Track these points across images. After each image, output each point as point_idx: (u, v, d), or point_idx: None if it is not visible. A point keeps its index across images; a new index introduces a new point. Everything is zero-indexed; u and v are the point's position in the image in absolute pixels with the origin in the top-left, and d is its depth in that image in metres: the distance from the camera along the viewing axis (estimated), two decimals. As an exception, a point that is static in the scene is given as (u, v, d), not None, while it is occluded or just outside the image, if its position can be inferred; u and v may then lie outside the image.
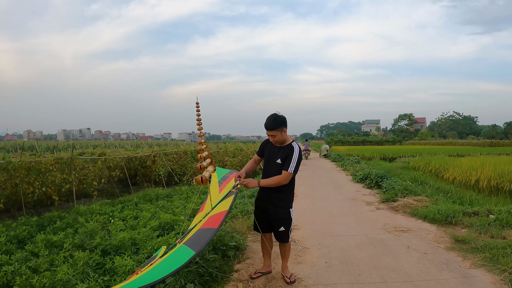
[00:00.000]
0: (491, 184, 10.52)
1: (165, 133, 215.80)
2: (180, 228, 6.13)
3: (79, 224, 7.10)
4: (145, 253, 4.95)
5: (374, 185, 12.15)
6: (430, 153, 26.39)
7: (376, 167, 16.19)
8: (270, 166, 4.09)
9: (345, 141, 69.42)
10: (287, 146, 4.04)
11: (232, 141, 36.95)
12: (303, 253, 5.35)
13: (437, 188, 10.97)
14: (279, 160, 3.99)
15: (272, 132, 3.94)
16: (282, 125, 3.95)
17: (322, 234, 6.33)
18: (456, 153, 27.58)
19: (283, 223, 4.08)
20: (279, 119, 3.94)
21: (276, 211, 4.07)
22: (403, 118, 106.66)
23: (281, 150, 4.04)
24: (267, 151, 4.19)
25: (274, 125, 3.91)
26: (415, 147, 45.00)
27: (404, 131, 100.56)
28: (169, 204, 8.89)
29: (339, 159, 25.94)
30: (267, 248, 4.36)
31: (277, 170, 3.98)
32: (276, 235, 4.20)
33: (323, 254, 5.32)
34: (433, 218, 7.10)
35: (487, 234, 6.05)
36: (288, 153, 3.97)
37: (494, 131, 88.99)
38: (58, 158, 9.87)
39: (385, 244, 5.72)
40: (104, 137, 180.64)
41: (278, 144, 4.06)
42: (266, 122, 3.95)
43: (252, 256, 5.20)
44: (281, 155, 3.99)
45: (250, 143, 32.07)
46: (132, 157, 13.31)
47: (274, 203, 4.05)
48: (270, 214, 4.10)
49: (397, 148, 40.01)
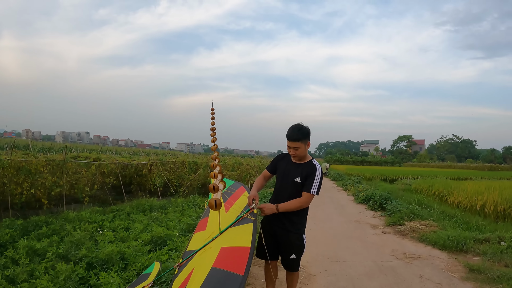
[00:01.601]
0: (498, 210, 10.33)
1: (163, 142, 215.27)
2: (173, 244, 5.71)
3: (66, 232, 6.79)
4: (134, 270, 4.57)
5: (378, 207, 11.71)
6: (431, 175, 26.29)
7: (379, 188, 15.81)
8: (285, 184, 3.53)
9: (344, 160, 69.58)
10: (308, 164, 3.51)
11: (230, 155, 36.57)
12: (309, 281, 4.90)
13: (442, 212, 10.62)
14: (298, 179, 3.43)
15: (296, 144, 3.39)
16: (307, 137, 3.45)
17: (327, 259, 5.91)
18: (457, 176, 27.46)
19: (295, 251, 3.54)
20: (305, 130, 3.44)
21: (288, 237, 3.51)
22: (402, 139, 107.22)
23: (301, 167, 3.50)
24: (282, 167, 3.65)
25: (299, 136, 3.39)
26: (415, 169, 44.98)
27: (403, 152, 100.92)
28: (163, 217, 8.49)
29: (340, 178, 25.67)
30: (272, 277, 3.79)
31: (293, 190, 3.45)
32: (285, 263, 3.65)
33: (331, 282, 4.88)
34: (443, 245, 6.75)
35: (501, 262, 5.74)
36: (310, 172, 3.43)
37: (493, 155, 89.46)
38: (50, 160, 9.46)
39: (396, 273, 5.29)
40: (102, 142, 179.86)
41: (297, 159, 3.53)
42: (290, 132, 3.43)
43: (252, 283, 4.73)
44: (301, 173, 3.45)
45: (249, 157, 31.68)
46: (127, 164, 12.89)
47: (287, 228, 3.49)
48: (280, 239, 3.54)
49: (397, 169, 39.98)
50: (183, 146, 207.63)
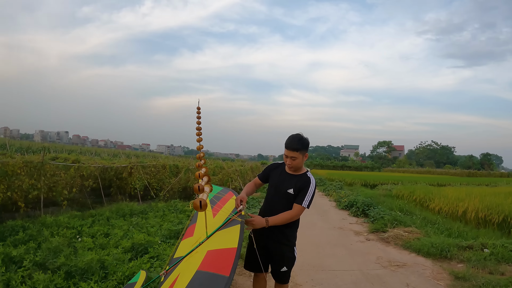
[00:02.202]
0: (479, 216, 10.39)
1: (143, 144, 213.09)
2: (155, 251, 5.54)
3: (43, 238, 6.47)
4: (115, 279, 4.37)
5: (360, 213, 11.70)
6: (411, 181, 26.58)
7: (361, 194, 15.85)
8: (277, 194, 3.40)
9: (325, 164, 69.97)
10: (303, 176, 3.41)
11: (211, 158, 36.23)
12: (296, 291, 4.79)
13: (423, 218, 10.67)
14: (291, 190, 3.32)
15: (294, 154, 3.29)
16: (306, 148, 3.36)
17: (313, 268, 5.81)
18: (436, 182, 27.76)
19: (286, 263, 3.43)
20: (305, 141, 3.35)
21: (280, 249, 3.39)
22: (382, 145, 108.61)
23: (295, 178, 3.39)
24: (275, 176, 3.52)
25: (299, 146, 3.30)
26: (395, 174, 45.40)
27: (383, 158, 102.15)
28: (143, 222, 8.24)
29: (321, 184, 25.65)
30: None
31: (285, 201, 3.33)
32: (276, 276, 3.50)
33: (318, 292, 4.78)
34: (428, 252, 6.79)
35: (485, 269, 5.82)
36: (304, 184, 3.32)
37: (471, 162, 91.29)
38: (28, 162, 9.05)
39: (382, 281, 5.25)
40: (81, 142, 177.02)
41: (292, 170, 3.43)
42: (289, 141, 3.33)
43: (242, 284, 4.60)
44: (295, 185, 3.33)
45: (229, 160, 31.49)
46: (107, 167, 12.58)
47: (280, 240, 3.38)
48: (271, 252, 3.40)
49: (377, 174, 40.35)
50: (163, 148, 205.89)
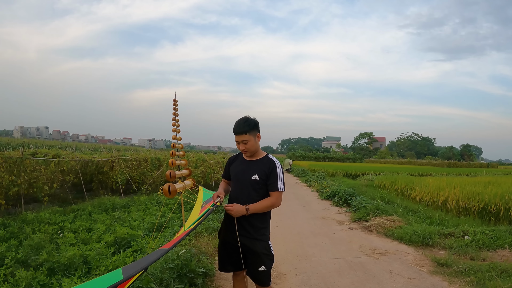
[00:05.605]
0: (460, 205, 10.57)
1: (125, 138, 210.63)
2: (138, 245, 5.50)
3: (25, 235, 6.37)
4: (98, 274, 4.31)
5: (343, 203, 11.84)
6: (392, 171, 26.85)
7: (343, 184, 15.99)
8: (241, 184, 3.15)
9: (307, 156, 70.16)
10: (264, 160, 3.17)
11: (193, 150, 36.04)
12: (280, 280, 4.82)
13: (405, 207, 10.84)
14: (255, 176, 3.07)
15: (244, 137, 3.05)
16: (255, 128, 3.11)
17: (297, 257, 5.85)
18: (417, 172, 28.13)
19: (263, 261, 3.08)
20: (251, 121, 3.09)
21: (253, 246, 3.06)
22: (364, 136, 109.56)
23: (256, 164, 3.15)
24: (235, 168, 3.28)
25: (246, 128, 3.04)
26: (376, 165, 45.91)
27: (364, 149, 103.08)
28: (126, 216, 8.16)
29: (303, 175, 25.80)
30: None
31: (253, 189, 3.08)
32: (254, 277, 3.14)
33: (302, 281, 4.82)
34: (410, 240, 6.90)
35: (466, 256, 5.93)
36: (270, 168, 3.09)
37: (451, 153, 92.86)
38: (7, 157, 8.85)
39: (366, 269, 5.31)
40: (62, 137, 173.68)
41: (249, 155, 3.18)
42: (236, 126, 3.09)
43: (223, 284, 4.58)
44: (259, 171, 3.09)
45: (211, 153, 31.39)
46: (88, 161, 12.38)
47: (251, 235, 3.07)
48: (244, 249, 3.05)
49: (359, 165, 40.67)
50: (145, 141, 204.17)
